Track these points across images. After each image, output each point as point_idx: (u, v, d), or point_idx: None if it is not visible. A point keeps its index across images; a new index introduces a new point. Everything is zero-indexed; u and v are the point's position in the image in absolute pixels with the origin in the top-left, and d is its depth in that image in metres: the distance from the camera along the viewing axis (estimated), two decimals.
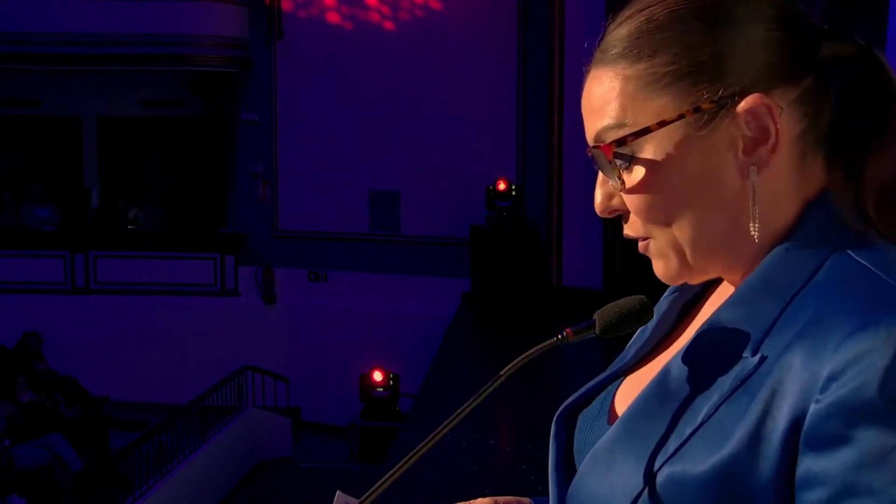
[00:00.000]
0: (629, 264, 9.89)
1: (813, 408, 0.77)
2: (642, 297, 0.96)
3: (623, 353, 1.08)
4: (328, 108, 12.69)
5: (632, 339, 1.07)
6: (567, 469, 1.02)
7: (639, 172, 0.90)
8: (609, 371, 1.06)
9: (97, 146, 14.51)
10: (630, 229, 0.95)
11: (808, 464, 0.77)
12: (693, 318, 1.01)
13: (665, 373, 0.92)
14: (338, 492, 1.02)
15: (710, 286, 1.01)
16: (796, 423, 0.78)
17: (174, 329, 12.86)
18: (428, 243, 12.52)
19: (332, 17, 12.77)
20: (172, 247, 13.36)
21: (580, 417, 1.04)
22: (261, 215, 13.28)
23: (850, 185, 0.90)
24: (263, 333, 12.99)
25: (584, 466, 0.95)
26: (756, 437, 0.80)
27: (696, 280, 0.95)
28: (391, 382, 11.09)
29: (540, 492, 1.11)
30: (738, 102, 0.86)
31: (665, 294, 1.06)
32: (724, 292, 0.96)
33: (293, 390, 12.82)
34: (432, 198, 12.37)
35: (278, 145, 13.12)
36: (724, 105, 0.86)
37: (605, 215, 0.96)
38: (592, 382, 1.06)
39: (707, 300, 1.00)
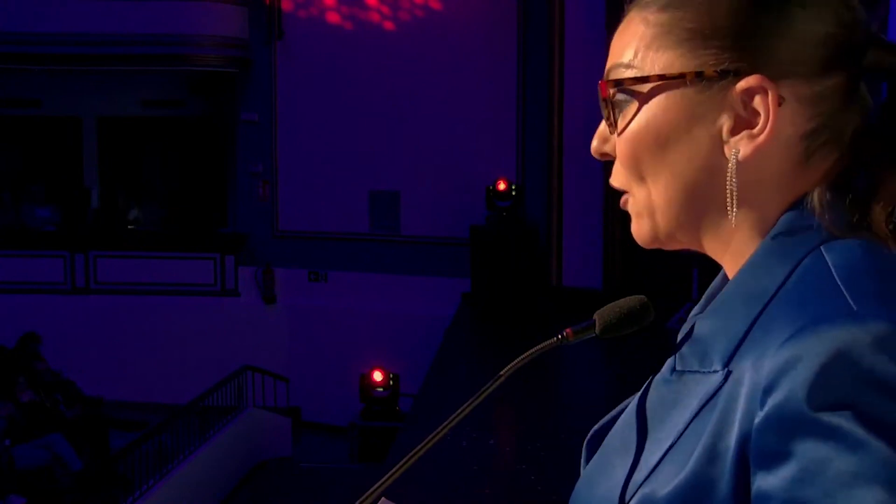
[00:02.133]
0: (629, 264, 9.90)
1: (755, 422, 0.75)
2: (642, 297, 0.96)
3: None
4: (328, 108, 12.69)
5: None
6: None
7: (628, 118, 0.89)
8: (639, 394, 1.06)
9: (97, 146, 14.51)
10: (614, 178, 0.93)
11: (758, 482, 0.75)
12: None
13: (647, 390, 0.92)
14: (382, 498, 1.01)
15: None
16: (745, 439, 0.76)
17: (174, 329, 12.86)
18: (428, 243, 12.52)
19: (332, 17, 12.77)
20: (172, 247, 13.36)
21: (607, 439, 1.02)
22: (261, 215, 13.27)
23: (838, 186, 0.86)
24: (263, 333, 12.98)
25: (578, 484, 0.95)
26: (712, 456, 0.78)
27: (669, 247, 0.93)
28: (391, 382, 11.09)
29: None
30: (741, 78, 0.84)
31: (692, 313, 1.01)
32: None
33: (293, 390, 12.82)
34: (432, 198, 12.37)
35: (278, 145, 13.12)
36: (726, 77, 0.84)
37: (597, 157, 0.94)
38: (622, 405, 1.03)
39: None
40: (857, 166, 0.86)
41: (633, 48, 0.89)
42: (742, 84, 0.84)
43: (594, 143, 0.93)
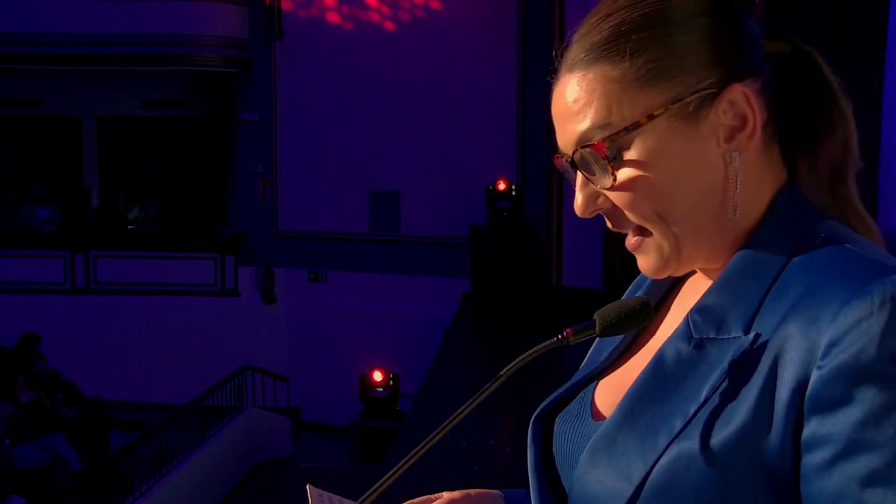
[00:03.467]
0: (629, 264, 9.85)
1: (815, 374, 0.81)
2: (642, 297, 0.97)
3: (590, 357, 1.10)
4: (328, 108, 12.69)
5: (593, 345, 1.10)
6: (547, 470, 1.04)
7: (628, 168, 0.92)
8: (581, 374, 1.09)
9: (97, 146, 14.51)
10: (618, 225, 0.97)
11: (814, 426, 0.81)
12: (665, 315, 1.03)
13: (659, 359, 0.93)
14: (308, 486, 1.03)
15: (676, 285, 1.04)
16: (799, 390, 0.82)
17: (174, 329, 12.86)
18: (428, 243, 12.52)
19: (332, 17, 12.76)
20: (172, 247, 13.36)
21: (558, 419, 1.06)
22: (261, 215, 13.27)
23: (808, 170, 0.96)
24: (263, 333, 12.98)
25: (583, 462, 0.95)
26: (762, 408, 0.83)
27: (681, 272, 0.98)
28: (391, 382, 11.09)
29: None
30: (718, 92, 0.90)
31: (626, 294, 1.09)
32: (696, 285, 0.99)
33: (293, 390, 12.82)
34: (432, 198, 12.37)
35: (278, 145, 13.12)
36: (706, 95, 0.90)
37: (587, 216, 0.97)
38: (566, 386, 1.08)
39: (676, 297, 1.03)
40: (795, 148, 0.96)
41: (602, 106, 0.92)
42: (724, 95, 0.91)
43: (581, 206, 0.96)
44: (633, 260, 0.99)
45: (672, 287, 1.05)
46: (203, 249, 13.23)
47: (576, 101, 0.93)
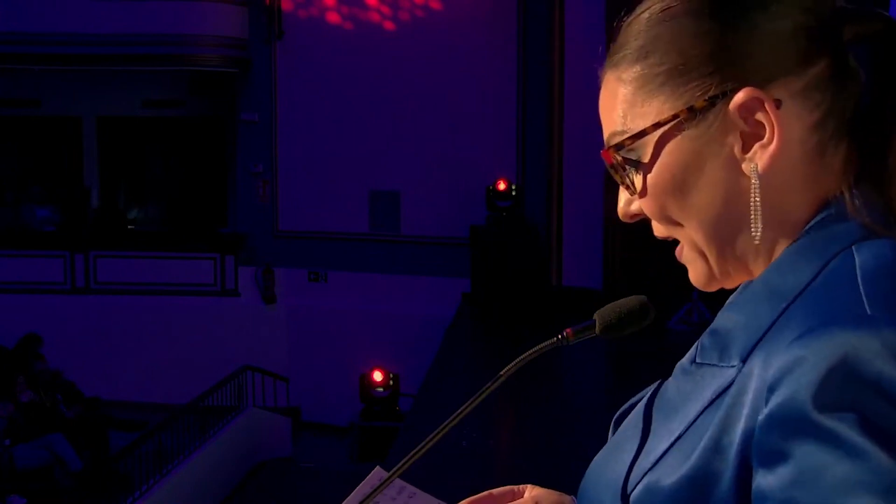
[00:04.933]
0: (629, 264, 9.89)
1: (759, 419, 0.75)
2: (642, 297, 0.96)
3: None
4: (328, 108, 12.69)
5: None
6: None
7: (643, 176, 0.89)
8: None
9: (97, 146, 14.51)
10: (657, 231, 0.93)
11: (758, 479, 0.75)
12: None
13: (665, 380, 0.92)
14: (377, 467, 1.03)
15: None
16: (748, 435, 0.76)
17: (174, 329, 12.85)
18: (428, 243, 12.52)
19: (332, 17, 12.76)
20: (172, 247, 13.36)
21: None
22: (261, 215, 13.27)
23: (875, 177, 0.85)
24: (263, 333, 12.98)
25: (589, 468, 0.96)
26: (717, 449, 0.79)
27: (729, 285, 0.91)
28: (391, 382, 11.09)
29: None
30: (731, 99, 0.83)
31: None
32: None
33: (293, 390, 12.81)
34: (432, 198, 12.36)
35: (278, 145, 13.11)
36: (717, 102, 0.84)
37: (627, 220, 0.94)
38: (650, 388, 1.04)
39: None
40: (868, 145, 0.85)
41: (620, 111, 0.89)
42: (735, 102, 0.83)
43: (621, 209, 0.93)
44: (634, 260, 0.99)
45: None
46: (203, 249, 13.23)
47: (604, 105, 0.91)
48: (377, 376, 11.02)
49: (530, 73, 11.55)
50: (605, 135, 0.91)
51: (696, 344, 0.90)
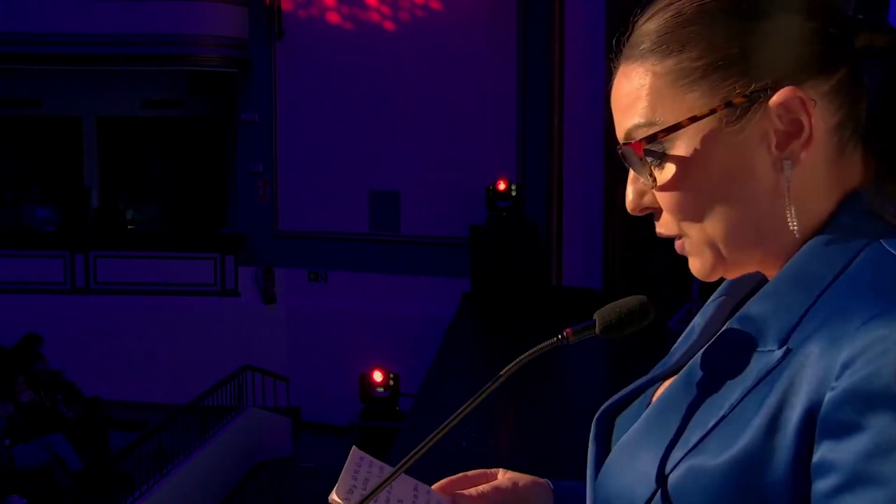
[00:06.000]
0: (629, 264, 9.89)
1: (828, 395, 0.77)
2: (642, 297, 0.96)
3: (666, 358, 1.07)
4: (328, 108, 12.69)
5: (675, 345, 1.06)
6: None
7: (671, 169, 0.89)
8: (650, 375, 1.06)
9: (97, 146, 14.51)
10: (662, 227, 0.94)
11: (823, 451, 0.77)
12: None
13: (692, 367, 0.92)
14: (353, 447, 1.04)
15: (758, 289, 1.00)
16: (812, 411, 0.78)
17: (174, 329, 12.86)
18: (428, 243, 12.52)
19: (332, 17, 12.76)
20: (172, 247, 13.36)
21: (619, 419, 1.04)
22: (261, 215, 13.27)
23: (890, 177, 0.89)
24: (263, 333, 12.98)
25: (610, 458, 0.96)
26: (772, 428, 0.80)
27: (732, 274, 0.95)
28: (391, 382, 11.09)
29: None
30: (770, 96, 0.85)
31: (711, 298, 1.05)
32: None
33: (293, 390, 12.82)
34: (432, 198, 12.36)
35: (278, 145, 13.12)
36: (756, 99, 0.85)
37: (637, 213, 0.95)
38: (633, 385, 1.05)
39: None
40: (878, 149, 0.89)
41: (648, 103, 0.89)
42: (775, 99, 0.85)
43: (631, 202, 0.94)
44: (633, 260, 0.99)
45: (756, 290, 1.01)
46: (203, 249, 13.23)
47: (626, 95, 0.91)
48: (377, 376, 11.02)
49: (530, 73, 11.55)
50: (625, 125, 0.91)
51: (720, 332, 0.92)
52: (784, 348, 0.83)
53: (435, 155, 12.29)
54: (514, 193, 11.05)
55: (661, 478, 0.86)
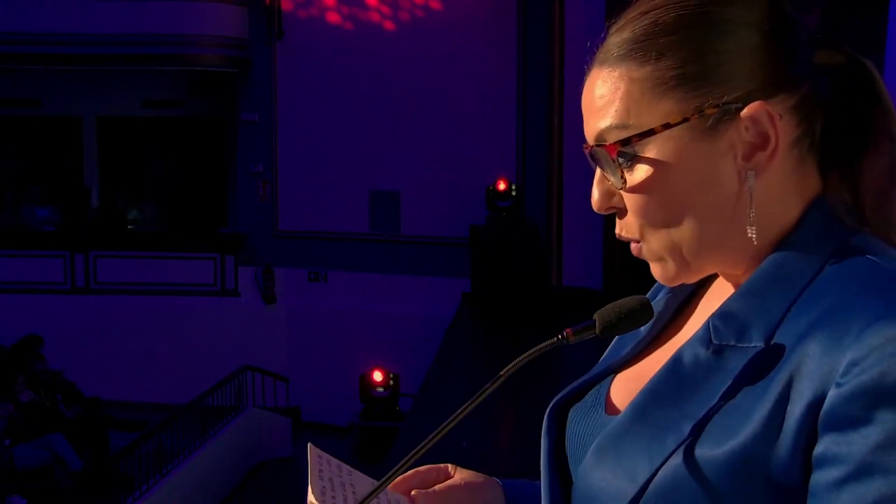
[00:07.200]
0: (629, 264, 9.86)
1: (834, 391, 0.79)
2: (642, 297, 0.97)
3: (611, 351, 1.10)
4: (328, 108, 12.69)
5: (615, 339, 1.09)
6: (559, 461, 1.05)
7: (640, 173, 0.91)
8: (600, 367, 1.08)
9: (97, 146, 14.51)
10: (623, 229, 0.96)
11: (827, 443, 0.79)
12: (690, 315, 1.03)
13: (676, 360, 0.93)
14: (310, 444, 1.05)
15: (704, 284, 1.03)
16: (815, 406, 0.80)
17: (174, 329, 12.86)
18: (428, 243, 12.52)
19: (332, 17, 12.76)
20: (172, 247, 13.36)
21: (572, 411, 1.06)
22: (261, 215, 13.27)
23: (845, 187, 0.93)
24: (263, 333, 12.98)
25: (589, 458, 0.95)
26: (773, 420, 0.82)
27: (694, 279, 0.97)
28: (391, 382, 11.09)
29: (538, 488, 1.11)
30: (742, 108, 0.88)
31: (655, 291, 1.08)
32: (721, 288, 0.99)
33: (293, 390, 12.82)
34: (432, 198, 12.37)
35: (278, 145, 13.12)
36: (728, 111, 0.88)
37: (603, 212, 0.97)
38: (584, 378, 1.08)
39: (703, 297, 1.02)
40: (833, 162, 0.93)
41: (622, 106, 0.91)
42: (746, 112, 0.88)
43: (597, 201, 0.96)
44: (633, 260, 0.99)
45: (700, 286, 1.04)
46: (203, 249, 13.23)
47: (600, 98, 0.93)
48: (377, 376, 11.03)
49: (530, 73, 11.55)
50: (597, 127, 0.94)
51: (702, 327, 0.93)
52: (772, 343, 0.86)
53: (435, 155, 12.29)
54: (514, 193, 11.06)
55: (654, 470, 0.87)
